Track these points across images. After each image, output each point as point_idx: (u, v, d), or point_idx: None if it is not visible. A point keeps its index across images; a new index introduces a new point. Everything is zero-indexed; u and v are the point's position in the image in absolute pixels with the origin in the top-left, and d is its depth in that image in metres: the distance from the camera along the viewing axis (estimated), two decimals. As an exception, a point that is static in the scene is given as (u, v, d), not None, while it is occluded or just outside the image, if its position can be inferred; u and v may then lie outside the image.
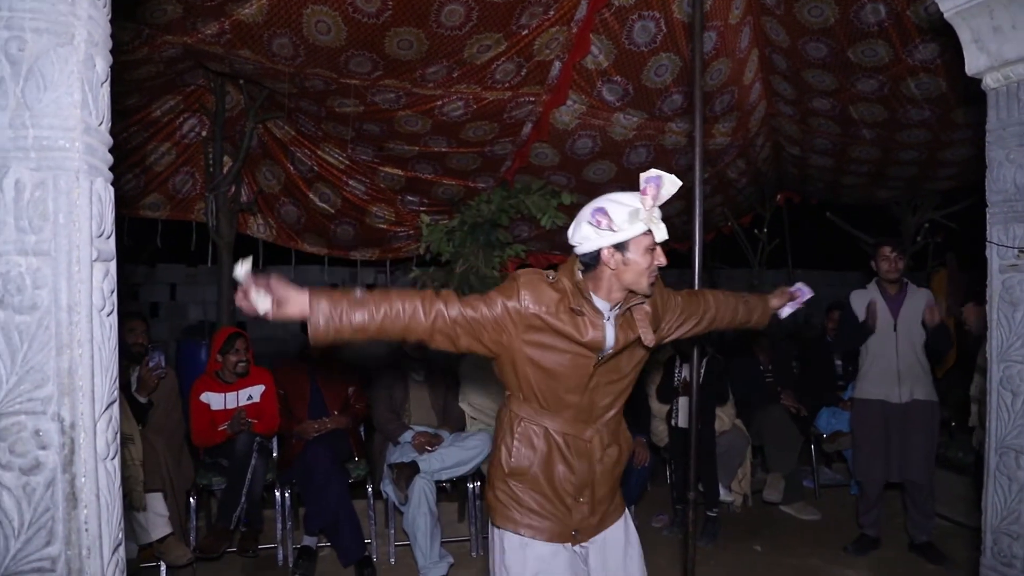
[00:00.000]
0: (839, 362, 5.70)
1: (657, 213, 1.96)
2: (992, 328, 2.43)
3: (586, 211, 2.00)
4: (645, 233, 1.96)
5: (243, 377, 4.25)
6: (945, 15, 2.36)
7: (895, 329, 4.04)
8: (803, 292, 2.67)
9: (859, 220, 7.15)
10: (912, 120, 4.55)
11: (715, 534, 4.36)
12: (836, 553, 4.17)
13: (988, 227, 2.43)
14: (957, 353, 5.67)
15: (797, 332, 8.10)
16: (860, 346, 4.18)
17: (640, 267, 1.98)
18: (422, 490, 3.89)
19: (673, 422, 4.58)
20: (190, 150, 5.19)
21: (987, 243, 2.43)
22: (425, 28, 3.80)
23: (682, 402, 4.48)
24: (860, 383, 4.22)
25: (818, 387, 5.49)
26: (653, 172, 1.92)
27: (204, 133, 5.09)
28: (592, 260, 2.00)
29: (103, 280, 1.36)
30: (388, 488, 4.02)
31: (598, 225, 1.93)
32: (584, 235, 1.99)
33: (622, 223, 1.92)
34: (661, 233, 1.98)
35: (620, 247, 1.97)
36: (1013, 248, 2.32)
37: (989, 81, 2.36)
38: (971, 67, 2.38)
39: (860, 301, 4.15)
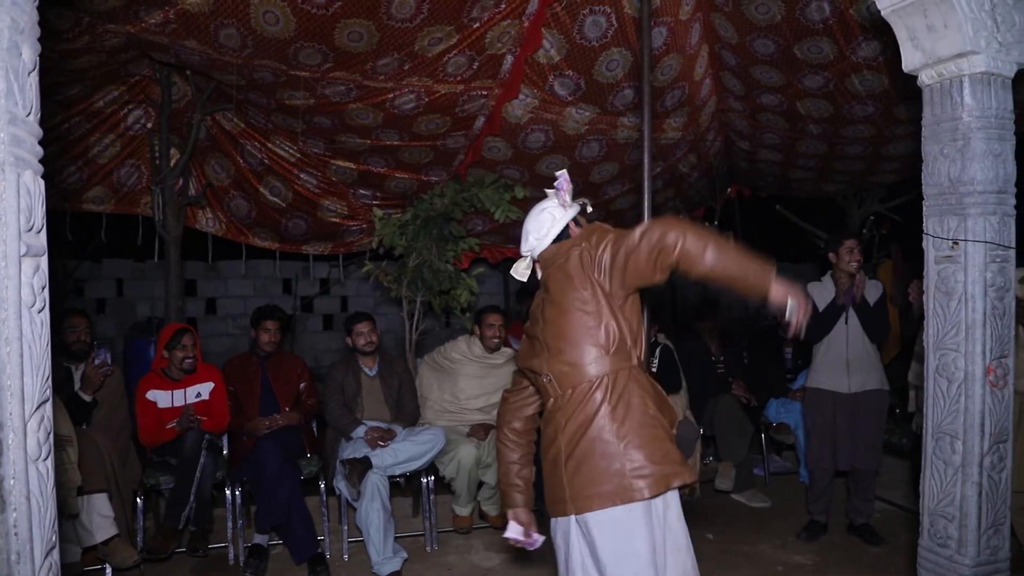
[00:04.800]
0: (789, 354, 5.82)
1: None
2: (929, 317, 2.50)
3: (536, 213, 2.33)
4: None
5: (191, 374, 4.18)
6: (883, 13, 2.43)
7: (846, 321, 4.14)
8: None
9: (808, 213, 7.31)
10: (857, 116, 4.65)
11: (668, 523, 4.41)
12: (785, 539, 4.27)
13: (924, 219, 2.51)
14: (900, 342, 5.83)
15: (748, 322, 8.26)
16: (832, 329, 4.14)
17: None
18: (375, 485, 3.87)
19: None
20: (135, 142, 5.05)
21: (923, 235, 2.51)
22: (375, 20, 3.76)
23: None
24: (812, 373, 4.30)
25: (768, 377, 5.59)
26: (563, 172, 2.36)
27: (150, 125, 4.95)
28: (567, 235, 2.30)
29: (33, 275, 1.32)
30: (341, 484, 4.00)
31: (562, 206, 2.30)
32: (552, 220, 2.28)
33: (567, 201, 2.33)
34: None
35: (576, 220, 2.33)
36: (947, 239, 2.39)
37: (924, 78, 2.43)
38: (907, 64, 2.45)
39: (817, 293, 4.21)
